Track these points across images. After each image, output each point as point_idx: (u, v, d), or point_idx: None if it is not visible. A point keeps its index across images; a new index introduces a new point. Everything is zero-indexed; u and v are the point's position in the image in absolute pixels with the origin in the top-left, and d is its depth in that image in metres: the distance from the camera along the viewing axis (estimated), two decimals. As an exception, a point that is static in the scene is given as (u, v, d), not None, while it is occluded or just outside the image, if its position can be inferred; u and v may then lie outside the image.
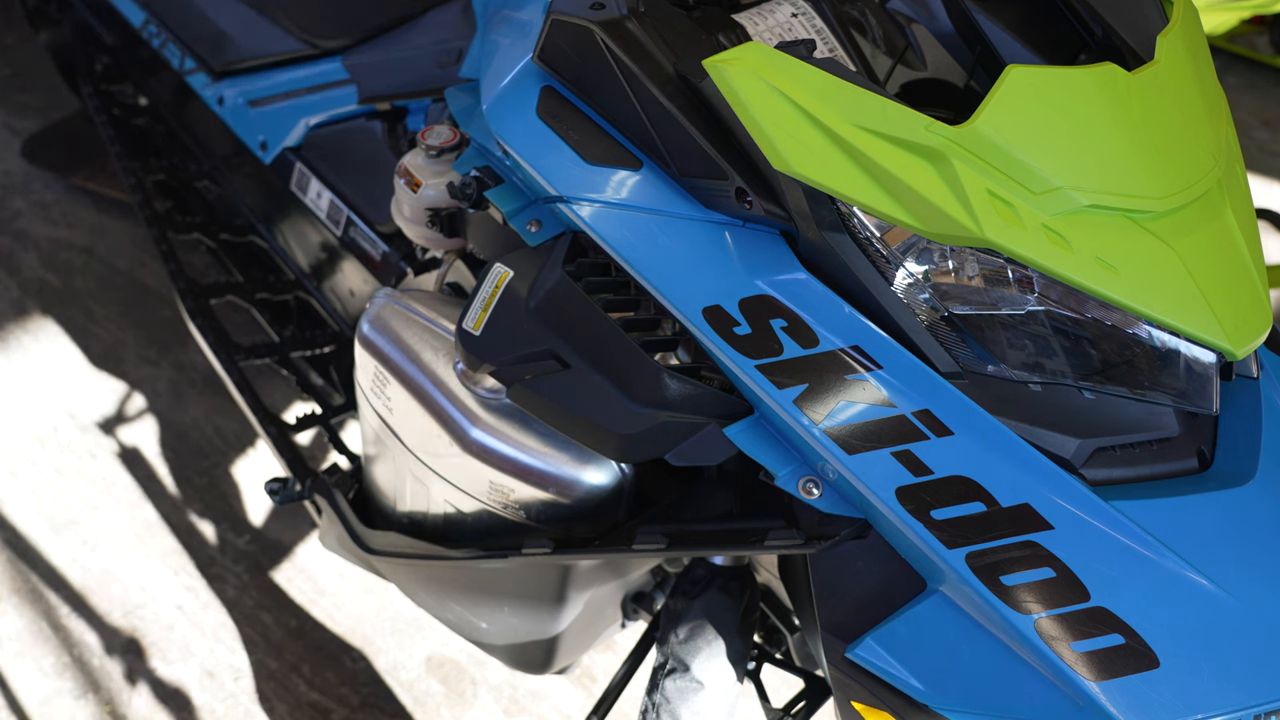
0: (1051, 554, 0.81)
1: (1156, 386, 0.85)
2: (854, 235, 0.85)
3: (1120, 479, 0.86)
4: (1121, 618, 0.80)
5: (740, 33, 0.99)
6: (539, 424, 1.07)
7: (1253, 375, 0.93)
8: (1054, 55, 0.98)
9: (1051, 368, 0.85)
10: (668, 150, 0.90)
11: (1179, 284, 0.81)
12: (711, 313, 0.88)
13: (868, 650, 0.88)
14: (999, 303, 0.84)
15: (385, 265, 1.58)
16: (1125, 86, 0.84)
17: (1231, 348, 0.83)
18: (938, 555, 0.83)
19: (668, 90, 0.88)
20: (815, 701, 1.34)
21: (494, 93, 1.01)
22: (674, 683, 1.16)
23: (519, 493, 1.08)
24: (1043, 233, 0.79)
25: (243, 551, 2.01)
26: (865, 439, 0.85)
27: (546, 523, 1.10)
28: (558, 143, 0.96)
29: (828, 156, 0.81)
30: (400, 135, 1.63)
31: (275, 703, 1.81)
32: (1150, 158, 0.83)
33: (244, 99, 1.77)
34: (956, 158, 0.79)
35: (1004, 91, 0.80)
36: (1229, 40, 3.31)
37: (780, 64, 0.82)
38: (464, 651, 1.88)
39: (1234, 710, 0.79)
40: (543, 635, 1.24)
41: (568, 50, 0.93)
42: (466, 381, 1.09)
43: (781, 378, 0.86)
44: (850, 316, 0.86)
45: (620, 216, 0.93)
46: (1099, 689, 0.79)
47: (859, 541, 0.92)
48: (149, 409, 2.25)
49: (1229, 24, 2.92)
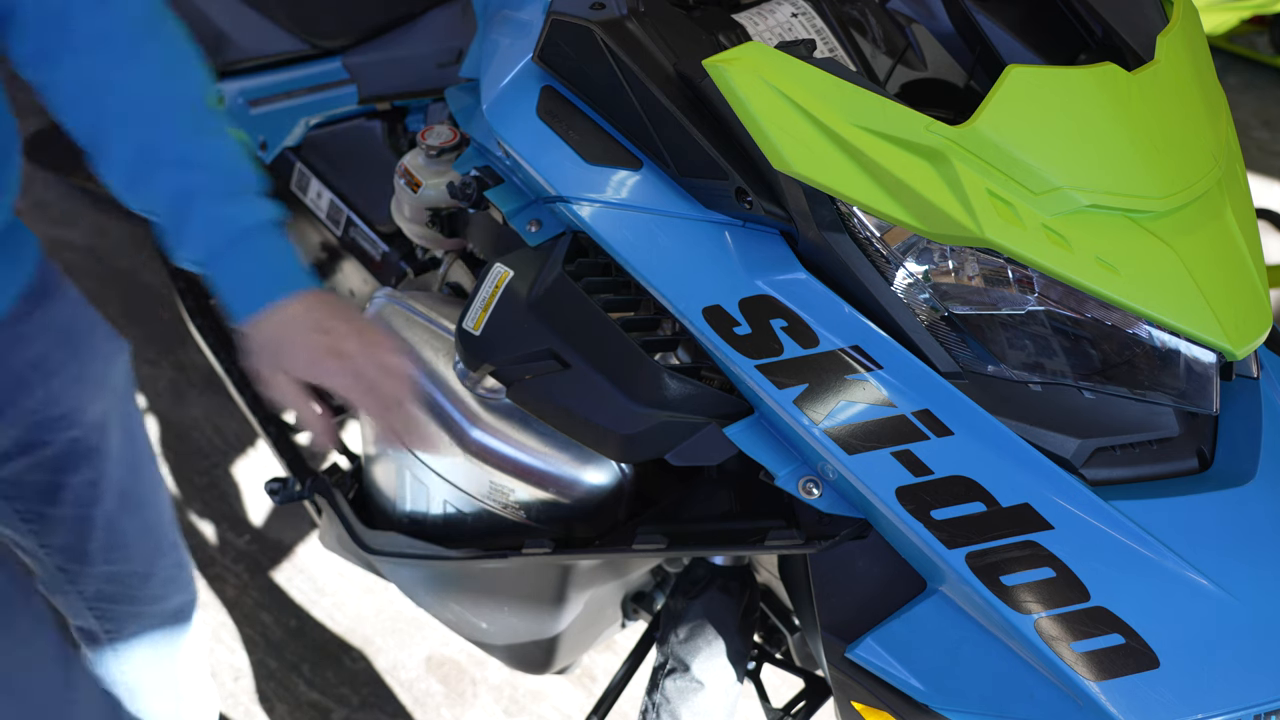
0: (1051, 554, 0.81)
1: (1156, 386, 0.85)
2: (854, 235, 0.85)
3: (1120, 479, 0.86)
4: (1121, 618, 0.80)
5: (740, 33, 0.99)
6: (539, 424, 1.07)
7: (1253, 375, 0.93)
8: (1054, 55, 0.98)
9: (1051, 368, 0.85)
10: (668, 150, 0.90)
11: (1179, 284, 0.81)
12: (711, 312, 0.88)
13: (868, 650, 0.88)
14: (999, 303, 0.84)
15: (385, 265, 1.58)
16: (1125, 86, 0.84)
17: (1231, 348, 0.83)
18: (938, 555, 0.83)
19: (668, 90, 0.88)
20: (815, 701, 1.34)
21: (494, 92, 1.01)
22: (674, 683, 1.16)
23: (519, 493, 1.08)
24: (1043, 232, 0.79)
25: (243, 551, 2.01)
26: (865, 439, 0.85)
27: (546, 523, 1.10)
28: (558, 142, 0.96)
29: (828, 156, 0.81)
30: (400, 135, 1.63)
31: (275, 703, 1.81)
32: (1150, 158, 0.83)
33: (244, 99, 1.77)
34: (956, 158, 0.79)
35: (1004, 91, 0.80)
36: (1229, 40, 3.31)
37: (780, 64, 0.82)
38: (464, 651, 1.88)
39: (1234, 710, 0.79)
40: (543, 635, 1.24)
41: (568, 50, 0.93)
42: (466, 381, 1.09)
43: (781, 378, 0.86)
44: (850, 316, 0.86)
45: (620, 216, 0.93)
46: (1099, 689, 0.79)
47: (859, 541, 0.92)
48: (149, 409, 2.25)
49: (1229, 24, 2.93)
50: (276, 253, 0.95)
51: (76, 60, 0.90)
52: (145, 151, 0.91)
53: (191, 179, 0.91)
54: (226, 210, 0.92)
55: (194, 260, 0.94)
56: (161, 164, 0.91)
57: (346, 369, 0.93)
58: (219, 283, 0.94)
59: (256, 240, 0.94)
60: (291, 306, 0.93)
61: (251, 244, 0.93)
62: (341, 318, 0.94)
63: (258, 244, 0.94)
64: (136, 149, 0.91)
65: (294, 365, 0.93)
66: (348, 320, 0.95)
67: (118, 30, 0.90)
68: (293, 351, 0.93)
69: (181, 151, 0.91)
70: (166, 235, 0.94)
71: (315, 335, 0.92)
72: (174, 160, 0.91)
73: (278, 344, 0.93)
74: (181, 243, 0.93)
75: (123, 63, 0.91)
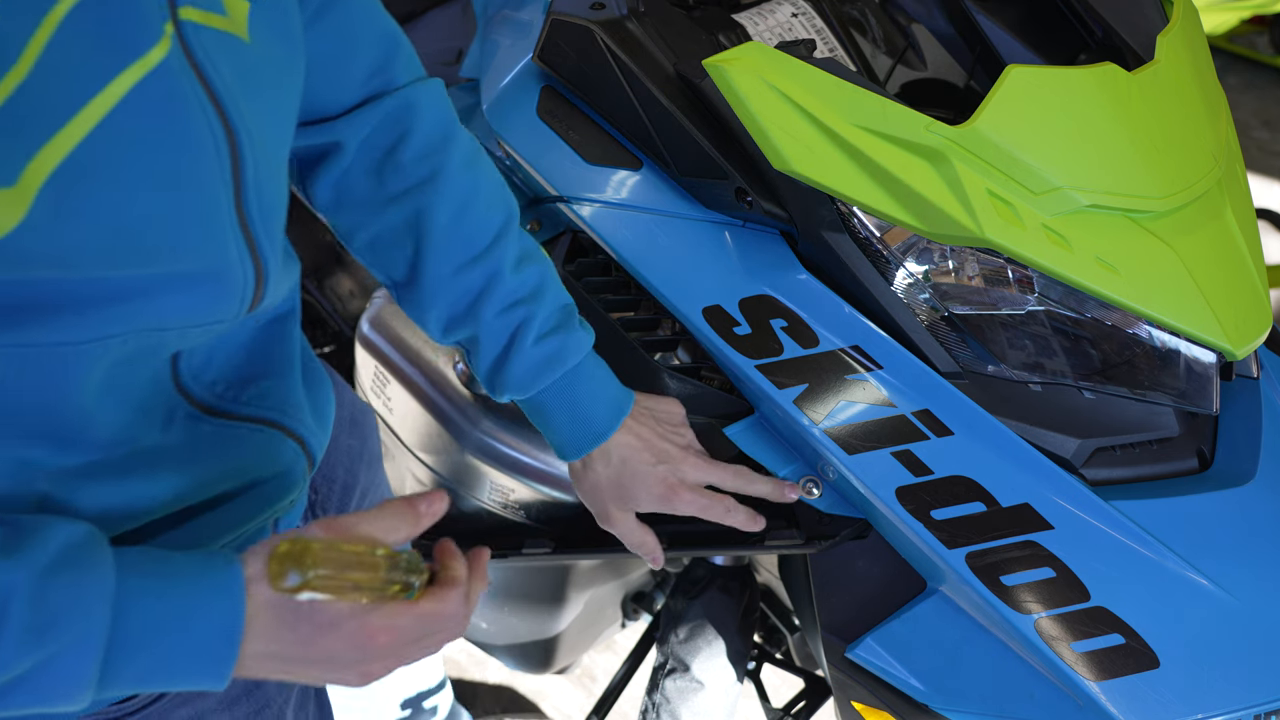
0: (1051, 554, 0.81)
1: (1156, 386, 0.85)
2: (854, 235, 0.85)
3: (1120, 479, 0.86)
4: (1121, 618, 0.80)
5: (740, 33, 0.99)
6: (539, 424, 1.07)
7: (1253, 375, 0.93)
8: (1054, 55, 0.98)
9: (1051, 368, 0.85)
10: (668, 150, 0.90)
11: (1179, 284, 0.81)
12: (711, 313, 0.88)
13: (868, 650, 0.88)
14: (999, 303, 0.84)
15: (385, 265, 1.58)
16: (1125, 86, 0.84)
17: (1231, 348, 0.83)
18: (938, 555, 0.83)
19: (668, 90, 0.88)
20: (815, 701, 1.34)
21: (494, 92, 1.01)
22: (674, 683, 1.16)
23: (519, 493, 1.08)
24: (1043, 232, 0.79)
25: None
26: (865, 439, 0.85)
27: (546, 523, 1.10)
28: (558, 142, 0.96)
29: (828, 156, 0.81)
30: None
31: (275, 703, 1.81)
32: (1150, 157, 0.83)
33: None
34: (956, 158, 0.79)
35: (1004, 91, 0.80)
36: (1229, 40, 3.31)
37: (780, 64, 0.82)
38: (464, 651, 1.87)
39: (1234, 710, 0.79)
40: (543, 635, 1.24)
41: (568, 50, 0.93)
42: (466, 381, 1.09)
43: (781, 378, 0.87)
44: (850, 316, 0.86)
45: (620, 216, 0.93)
46: (1099, 689, 0.79)
47: (859, 541, 0.92)
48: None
49: (1229, 24, 2.93)
50: (603, 382, 0.88)
51: (416, 197, 0.81)
52: (476, 284, 0.83)
53: (522, 313, 0.84)
54: (556, 343, 0.84)
55: (521, 396, 0.87)
56: (492, 297, 0.83)
57: (699, 500, 0.89)
58: (550, 420, 0.87)
59: (585, 371, 0.87)
60: (623, 437, 0.88)
61: (581, 376, 0.86)
62: (670, 438, 0.90)
63: (587, 375, 0.87)
64: (466, 284, 0.83)
65: (644, 503, 0.89)
66: (675, 436, 0.90)
67: (451, 161, 0.83)
68: (640, 490, 0.88)
69: (512, 285, 0.83)
70: (490, 370, 0.86)
71: (658, 469, 0.88)
72: (505, 294, 0.83)
73: (620, 483, 0.88)
74: (509, 380, 0.85)
75: (458, 194, 0.82)
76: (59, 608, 0.55)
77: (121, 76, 0.54)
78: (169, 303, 0.60)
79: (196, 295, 0.61)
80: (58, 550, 0.56)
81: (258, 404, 0.74)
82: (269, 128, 0.65)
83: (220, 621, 0.59)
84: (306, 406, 0.79)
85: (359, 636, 0.62)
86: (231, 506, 0.72)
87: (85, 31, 0.52)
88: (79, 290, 0.56)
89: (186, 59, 0.58)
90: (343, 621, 0.61)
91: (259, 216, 0.63)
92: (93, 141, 0.53)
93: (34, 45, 0.50)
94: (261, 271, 0.65)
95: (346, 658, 0.63)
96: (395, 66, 0.81)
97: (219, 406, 0.71)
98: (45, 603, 0.55)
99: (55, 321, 0.57)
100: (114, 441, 0.65)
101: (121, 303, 0.58)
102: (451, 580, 0.66)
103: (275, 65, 0.66)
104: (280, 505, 0.76)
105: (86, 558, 0.57)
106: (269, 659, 0.61)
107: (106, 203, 0.54)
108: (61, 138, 0.52)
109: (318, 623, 0.61)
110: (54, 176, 0.52)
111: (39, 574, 0.55)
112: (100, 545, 0.59)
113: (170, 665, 0.58)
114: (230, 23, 0.61)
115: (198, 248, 0.60)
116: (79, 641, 0.56)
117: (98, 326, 0.58)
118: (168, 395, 0.68)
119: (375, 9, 0.80)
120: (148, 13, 0.55)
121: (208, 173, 0.59)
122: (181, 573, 0.59)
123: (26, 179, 0.51)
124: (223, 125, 0.59)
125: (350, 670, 0.64)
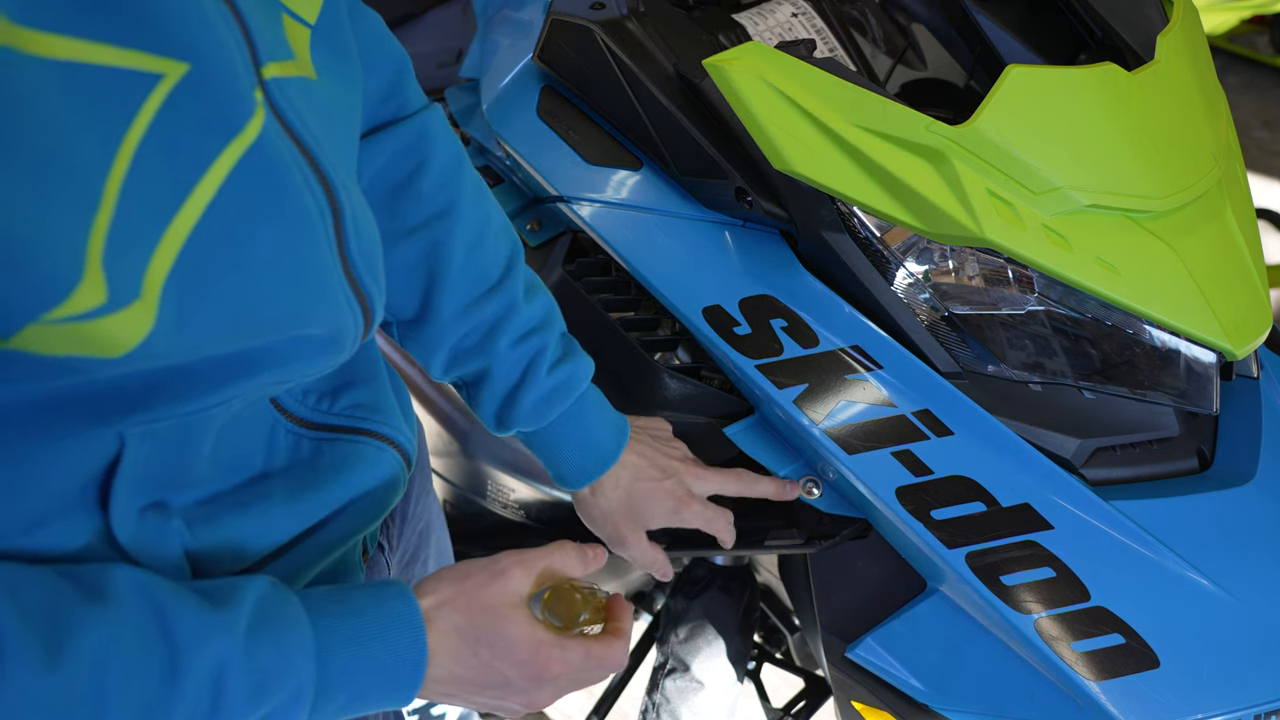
0: (1051, 554, 0.81)
1: (1156, 386, 0.85)
2: (854, 235, 0.85)
3: (1120, 479, 0.86)
4: (1121, 618, 0.80)
5: (740, 33, 0.99)
6: (539, 424, 1.07)
7: (1253, 375, 0.93)
8: (1054, 55, 0.98)
9: (1051, 368, 0.85)
10: (668, 150, 0.90)
11: (1179, 284, 0.81)
12: (711, 313, 0.88)
13: (868, 650, 0.88)
14: (999, 303, 0.84)
15: (385, 265, 1.58)
16: (1125, 86, 0.84)
17: (1231, 348, 0.83)
18: (938, 555, 0.83)
19: (668, 90, 0.88)
20: (815, 701, 1.34)
21: (494, 92, 1.01)
22: (674, 683, 1.16)
23: (519, 493, 1.08)
24: (1043, 232, 0.79)
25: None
26: (865, 439, 0.85)
27: (546, 523, 1.10)
28: (558, 142, 0.96)
29: (828, 156, 0.81)
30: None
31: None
32: (1150, 157, 0.83)
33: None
34: (956, 158, 0.79)
35: (1004, 91, 0.80)
36: (1229, 40, 3.31)
37: (780, 64, 0.82)
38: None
39: (1234, 710, 0.79)
40: (543, 635, 1.24)
41: (568, 50, 0.93)
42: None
43: (781, 378, 0.87)
44: (850, 316, 0.86)
45: (620, 216, 0.93)
46: (1099, 689, 0.79)
47: (859, 541, 0.92)
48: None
49: (1229, 24, 2.93)
50: (605, 406, 0.87)
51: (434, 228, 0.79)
52: (490, 317, 0.81)
53: (537, 343, 0.82)
54: (566, 371, 0.83)
55: (532, 427, 0.84)
56: (508, 329, 0.81)
57: (706, 510, 0.89)
58: (559, 449, 0.85)
59: (591, 396, 0.85)
60: (628, 458, 0.87)
61: (588, 402, 0.85)
62: (669, 453, 0.89)
63: (593, 400, 0.85)
64: (480, 317, 0.80)
65: (657, 519, 0.88)
66: (673, 451, 0.90)
67: (465, 190, 0.80)
68: (651, 507, 0.88)
69: (526, 315, 0.82)
70: (501, 403, 0.83)
71: (666, 484, 0.87)
72: (520, 324, 0.81)
73: (630, 504, 0.87)
74: (522, 411, 0.83)
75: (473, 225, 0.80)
76: (268, 668, 0.57)
77: (222, 156, 0.51)
78: (291, 363, 0.60)
79: (315, 349, 0.61)
80: (254, 609, 0.58)
81: (353, 414, 0.73)
82: (349, 163, 0.64)
83: (407, 654, 0.63)
84: (398, 411, 0.77)
85: (534, 665, 0.66)
86: (330, 528, 0.71)
87: (182, 120, 0.48)
88: (206, 369, 0.56)
89: (278, 122, 0.55)
90: (518, 648, 0.66)
91: (361, 260, 0.62)
92: (202, 230, 0.50)
93: (128, 144, 0.46)
94: (369, 312, 0.64)
95: (520, 684, 0.67)
96: (407, 90, 0.79)
97: (315, 419, 0.70)
98: (255, 665, 0.57)
99: (184, 398, 0.56)
100: (226, 471, 0.64)
101: (247, 373, 0.58)
102: (619, 631, 0.72)
103: (341, 98, 0.64)
104: (376, 522, 0.75)
105: (280, 612, 0.59)
106: (450, 682, 0.65)
107: (226, 289, 0.52)
108: (172, 234, 0.49)
109: (497, 648, 0.65)
110: (172, 275, 0.49)
111: (244, 638, 0.57)
112: (287, 595, 0.61)
113: (365, 697, 0.62)
114: (299, 65, 0.58)
115: (314, 309, 0.59)
116: (293, 698, 0.59)
117: (224, 393, 0.58)
118: (267, 414, 0.67)
119: (383, 29, 0.77)
120: (241, 84, 0.51)
121: (314, 233, 0.57)
122: (364, 610, 0.63)
123: (148, 286, 0.48)
124: (319, 180, 0.58)
125: (521, 696, 0.68)
